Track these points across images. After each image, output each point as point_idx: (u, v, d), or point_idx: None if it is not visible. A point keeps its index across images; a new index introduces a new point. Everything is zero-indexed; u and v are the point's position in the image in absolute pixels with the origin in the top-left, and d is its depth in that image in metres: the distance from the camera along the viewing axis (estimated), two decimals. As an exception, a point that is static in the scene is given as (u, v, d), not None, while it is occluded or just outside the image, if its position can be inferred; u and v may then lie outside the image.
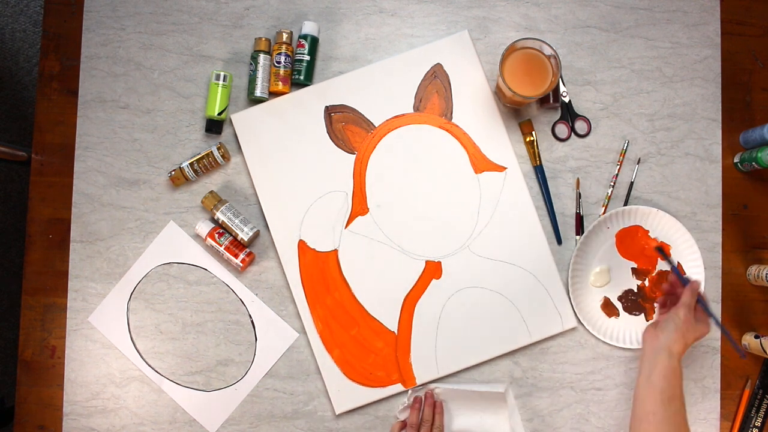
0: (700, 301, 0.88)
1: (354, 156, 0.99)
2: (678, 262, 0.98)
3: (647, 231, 0.99)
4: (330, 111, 1.00)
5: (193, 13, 1.02)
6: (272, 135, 0.99)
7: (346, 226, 0.98)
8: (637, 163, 1.00)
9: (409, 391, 0.97)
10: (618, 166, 1.00)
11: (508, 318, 0.97)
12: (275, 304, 0.99)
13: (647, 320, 0.98)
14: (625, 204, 1.00)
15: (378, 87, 1.00)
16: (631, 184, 1.00)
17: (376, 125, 1.00)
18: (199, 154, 0.98)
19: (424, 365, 0.97)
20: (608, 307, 0.99)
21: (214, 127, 0.99)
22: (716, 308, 0.99)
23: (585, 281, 0.99)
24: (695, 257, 0.98)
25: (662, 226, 0.98)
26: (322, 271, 0.98)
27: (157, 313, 0.99)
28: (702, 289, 0.93)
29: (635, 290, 0.99)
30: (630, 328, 0.98)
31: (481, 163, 0.99)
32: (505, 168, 0.99)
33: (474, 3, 1.02)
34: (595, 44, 1.02)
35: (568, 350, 0.98)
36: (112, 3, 1.02)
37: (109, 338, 0.98)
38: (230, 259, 0.96)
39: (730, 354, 0.99)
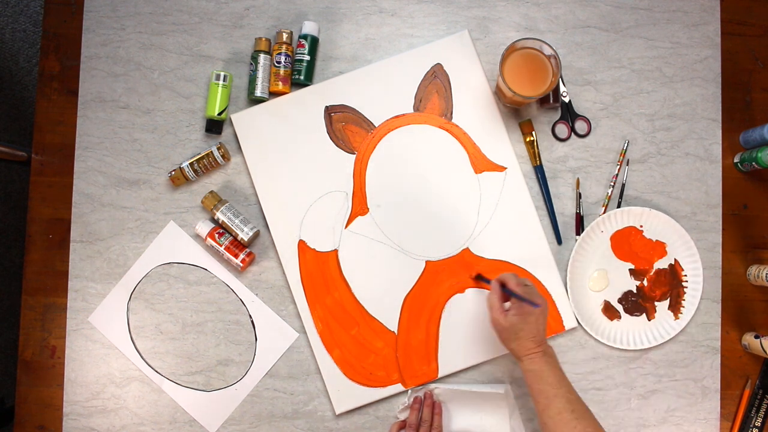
0: (509, 292, 0.86)
1: (354, 156, 0.99)
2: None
3: (641, 231, 0.99)
4: (330, 111, 1.00)
5: (193, 13, 1.02)
6: (272, 135, 0.99)
7: (346, 226, 0.98)
8: (627, 165, 1.00)
9: (409, 392, 0.97)
10: (618, 166, 1.00)
11: (508, 318, 0.97)
12: (275, 304, 0.99)
13: (648, 320, 0.98)
14: (618, 206, 1.00)
15: (378, 87, 1.00)
16: (623, 185, 1.00)
17: (376, 125, 1.00)
18: (199, 154, 0.98)
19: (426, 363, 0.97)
20: (609, 311, 0.98)
21: (214, 127, 0.99)
22: (716, 308, 0.99)
23: (584, 286, 0.99)
24: (691, 252, 0.98)
25: (656, 225, 0.98)
26: (322, 271, 0.98)
27: (157, 313, 0.99)
28: (499, 280, 0.87)
29: (634, 291, 0.99)
30: (631, 329, 0.98)
31: (481, 163, 0.99)
32: (505, 168, 0.99)
33: (474, 3, 1.02)
34: (595, 44, 1.02)
35: (568, 350, 0.98)
36: (112, 3, 1.02)
37: (109, 338, 0.98)
38: (230, 259, 0.96)
39: (730, 354, 0.99)
